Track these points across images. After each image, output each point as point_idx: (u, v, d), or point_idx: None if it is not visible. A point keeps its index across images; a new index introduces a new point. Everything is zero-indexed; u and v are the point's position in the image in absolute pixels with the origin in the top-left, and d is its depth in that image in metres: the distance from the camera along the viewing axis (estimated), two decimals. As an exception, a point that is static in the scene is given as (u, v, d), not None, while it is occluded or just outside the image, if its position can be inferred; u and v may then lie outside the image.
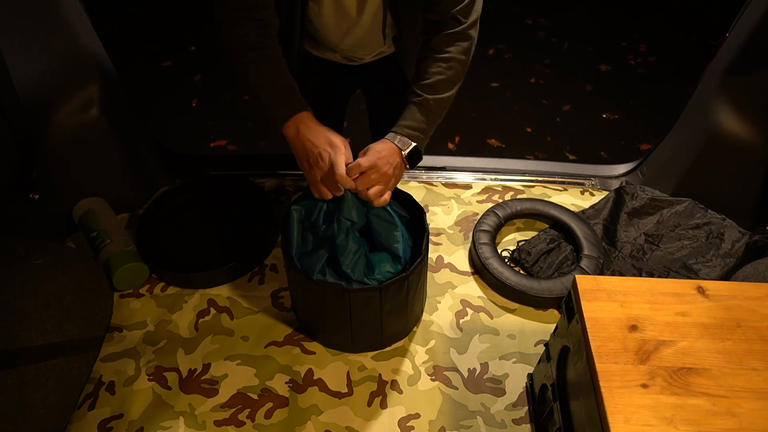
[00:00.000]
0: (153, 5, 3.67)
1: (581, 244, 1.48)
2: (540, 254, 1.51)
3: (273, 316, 1.40)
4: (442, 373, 1.29)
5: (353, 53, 1.35)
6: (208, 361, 1.31)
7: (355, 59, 1.38)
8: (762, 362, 0.86)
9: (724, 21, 1.49)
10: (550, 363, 1.12)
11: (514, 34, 3.51)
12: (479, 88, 3.10)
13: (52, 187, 1.48)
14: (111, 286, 1.42)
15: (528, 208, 1.58)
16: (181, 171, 1.76)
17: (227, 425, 1.20)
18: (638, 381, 0.84)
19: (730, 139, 1.47)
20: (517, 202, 1.59)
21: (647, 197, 1.62)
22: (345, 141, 1.10)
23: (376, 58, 1.39)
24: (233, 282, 1.47)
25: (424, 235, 1.21)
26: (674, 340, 0.89)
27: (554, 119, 2.94)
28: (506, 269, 1.42)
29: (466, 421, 1.21)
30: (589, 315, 0.92)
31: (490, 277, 1.43)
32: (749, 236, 1.49)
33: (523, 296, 1.39)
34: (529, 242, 1.55)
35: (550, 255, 1.51)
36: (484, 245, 1.47)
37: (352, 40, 1.27)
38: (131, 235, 1.52)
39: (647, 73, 3.24)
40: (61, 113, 1.41)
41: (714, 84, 1.48)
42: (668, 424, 0.79)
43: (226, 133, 2.81)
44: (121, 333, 1.36)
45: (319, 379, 1.28)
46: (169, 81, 3.15)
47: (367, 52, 1.36)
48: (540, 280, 1.41)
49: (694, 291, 0.97)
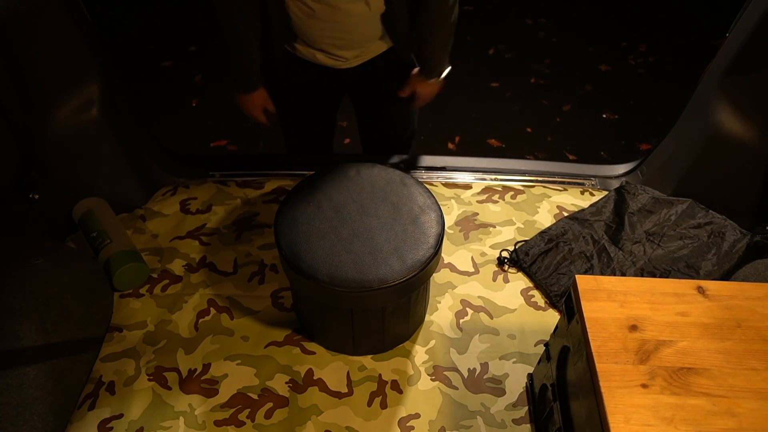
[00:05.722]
0: (153, 5, 3.67)
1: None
2: (538, 255, 1.51)
3: (273, 316, 1.40)
4: (442, 373, 1.29)
5: (336, 49, 1.36)
6: (208, 361, 1.31)
7: (339, 58, 1.38)
8: (762, 362, 0.86)
9: (724, 21, 1.49)
10: (550, 363, 1.12)
11: (514, 34, 3.50)
12: (479, 88, 3.10)
13: (52, 187, 1.47)
14: (111, 286, 1.42)
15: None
16: (181, 171, 1.76)
17: (227, 425, 1.20)
18: (638, 381, 0.84)
19: (730, 139, 1.47)
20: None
21: (648, 197, 1.62)
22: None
23: (359, 62, 1.40)
24: (233, 282, 1.47)
25: (438, 234, 1.20)
26: (674, 340, 0.89)
27: (554, 119, 2.93)
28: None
29: (466, 421, 1.21)
30: (589, 315, 0.92)
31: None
32: (750, 237, 1.49)
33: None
34: (527, 243, 1.55)
35: (548, 255, 1.51)
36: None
37: (336, 29, 1.29)
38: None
39: (647, 73, 3.24)
40: (61, 113, 1.41)
41: (714, 84, 1.48)
42: (668, 424, 0.79)
43: (226, 133, 2.81)
44: (121, 333, 1.36)
45: (319, 379, 1.28)
46: (169, 81, 3.14)
47: (349, 44, 1.36)
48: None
49: (694, 291, 0.97)
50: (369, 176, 1.30)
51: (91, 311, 1.34)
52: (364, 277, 1.12)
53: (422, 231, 1.19)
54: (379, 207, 1.23)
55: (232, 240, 1.57)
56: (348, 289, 1.12)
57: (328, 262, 1.14)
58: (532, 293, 1.46)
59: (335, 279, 1.12)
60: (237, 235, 1.58)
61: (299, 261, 1.15)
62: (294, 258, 1.16)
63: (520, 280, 1.50)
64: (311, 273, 1.13)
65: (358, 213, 1.22)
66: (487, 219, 1.64)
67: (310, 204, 1.24)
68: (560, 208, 1.67)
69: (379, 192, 1.26)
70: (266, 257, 1.53)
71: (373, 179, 1.29)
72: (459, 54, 1.38)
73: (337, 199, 1.24)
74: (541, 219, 1.64)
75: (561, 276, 1.47)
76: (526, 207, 1.67)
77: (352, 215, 1.21)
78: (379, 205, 1.23)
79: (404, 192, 1.27)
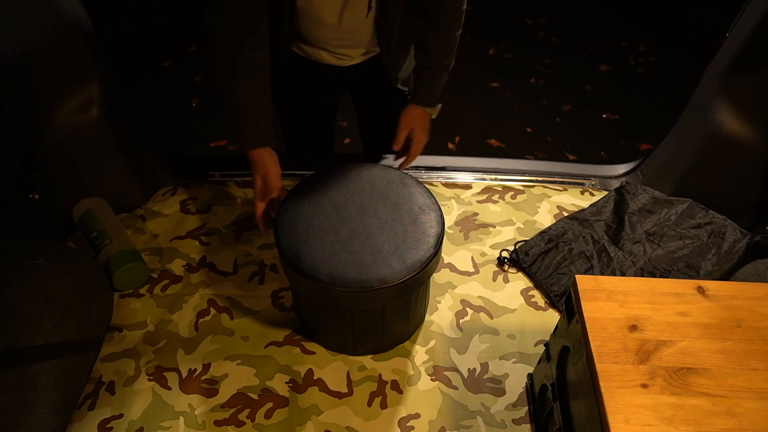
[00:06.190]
0: (153, 5, 3.67)
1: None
2: (538, 255, 1.51)
3: (273, 316, 1.40)
4: (442, 373, 1.29)
5: (342, 49, 1.35)
6: (208, 361, 1.31)
7: (344, 57, 1.37)
8: (762, 362, 0.86)
9: (724, 21, 1.49)
10: (550, 363, 1.12)
11: (514, 34, 3.51)
12: (479, 88, 3.10)
13: (52, 187, 1.47)
14: (111, 286, 1.42)
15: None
16: (181, 171, 1.76)
17: (227, 425, 1.20)
18: (638, 381, 0.84)
19: (730, 139, 1.47)
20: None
21: (648, 197, 1.62)
22: (279, 179, 1.28)
23: (363, 59, 1.39)
24: (233, 282, 1.47)
25: (438, 233, 1.20)
26: (674, 340, 0.89)
27: (554, 119, 2.93)
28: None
29: (466, 421, 1.21)
30: (589, 315, 0.92)
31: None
32: (750, 237, 1.49)
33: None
34: (527, 243, 1.55)
35: (548, 255, 1.51)
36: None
37: (344, 31, 1.28)
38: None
39: (647, 73, 3.24)
40: (61, 113, 1.41)
41: (714, 84, 1.48)
42: (668, 424, 0.79)
43: (226, 133, 2.80)
44: (121, 333, 1.36)
45: (319, 379, 1.28)
46: (169, 81, 3.14)
47: (359, 44, 1.35)
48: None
49: (694, 291, 0.97)
50: (369, 176, 1.30)
51: (91, 311, 1.34)
52: (364, 277, 1.12)
53: (422, 231, 1.19)
54: (379, 207, 1.23)
55: (232, 240, 1.57)
56: (348, 289, 1.12)
57: (328, 262, 1.14)
58: (532, 293, 1.46)
59: (335, 279, 1.12)
60: (237, 235, 1.58)
61: (299, 261, 1.15)
62: (294, 258, 1.16)
63: (520, 280, 1.50)
64: (311, 273, 1.13)
65: (358, 213, 1.22)
66: (487, 219, 1.64)
67: (310, 204, 1.24)
68: (560, 208, 1.67)
69: (379, 192, 1.26)
70: (266, 257, 1.53)
71: (373, 179, 1.29)
72: (459, 54, 1.37)
73: (336, 199, 1.24)
74: (541, 219, 1.64)
75: (561, 276, 1.47)
76: (526, 207, 1.67)
77: (352, 215, 1.21)
78: (379, 205, 1.23)
79: (404, 192, 1.27)
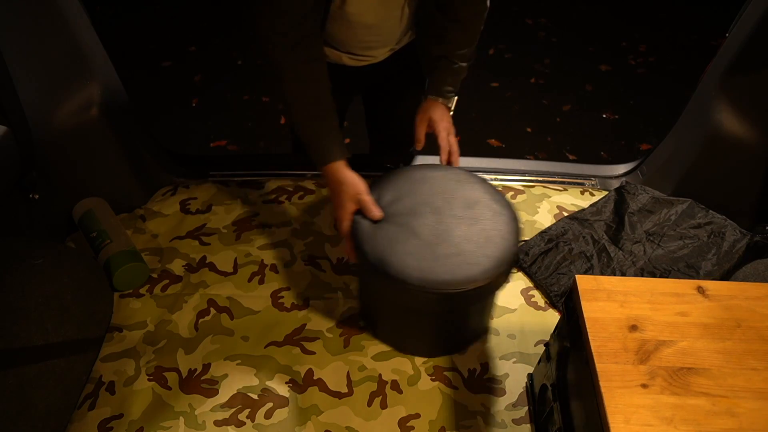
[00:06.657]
0: (153, 5, 3.67)
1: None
2: (538, 255, 1.51)
3: (273, 316, 1.40)
4: (442, 373, 1.29)
5: (368, 50, 1.34)
6: (208, 361, 1.31)
7: (366, 58, 1.36)
8: (762, 362, 0.86)
9: (724, 21, 1.49)
10: (550, 363, 1.12)
11: (514, 34, 3.51)
12: (479, 88, 3.10)
13: (52, 187, 1.47)
14: (111, 286, 1.42)
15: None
16: (181, 171, 1.76)
17: (227, 425, 1.20)
18: (638, 381, 0.84)
19: (730, 139, 1.47)
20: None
21: (648, 197, 1.62)
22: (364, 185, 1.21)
23: (386, 56, 1.38)
24: (233, 282, 1.47)
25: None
26: (674, 340, 0.89)
27: (554, 119, 2.94)
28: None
29: (466, 421, 1.21)
30: (589, 315, 0.92)
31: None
32: (750, 237, 1.49)
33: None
34: (527, 243, 1.55)
35: (548, 255, 1.51)
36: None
37: (377, 33, 1.29)
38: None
39: (647, 73, 3.24)
40: (61, 113, 1.41)
41: (714, 84, 1.48)
42: (668, 424, 0.79)
43: (226, 133, 2.81)
44: (121, 333, 1.36)
45: (319, 379, 1.28)
46: (169, 81, 3.14)
47: (383, 44, 1.34)
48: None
49: (694, 291, 0.97)
50: (435, 177, 1.28)
51: (91, 311, 1.34)
52: (455, 278, 1.10)
53: (500, 228, 1.18)
54: (453, 207, 1.21)
55: (232, 240, 1.57)
56: (440, 291, 1.10)
57: (417, 266, 1.11)
58: (532, 293, 1.46)
59: (427, 282, 1.10)
60: (237, 235, 1.58)
61: (387, 266, 1.12)
62: (381, 263, 1.12)
63: (520, 280, 1.50)
64: (402, 278, 1.10)
65: (434, 214, 1.20)
66: (487, 219, 1.63)
67: (383, 209, 1.21)
68: (560, 208, 1.67)
69: (449, 192, 1.25)
70: (266, 257, 1.53)
71: (440, 180, 1.28)
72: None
73: (409, 202, 1.22)
74: (541, 219, 1.64)
75: (561, 276, 1.47)
76: (526, 207, 1.67)
77: (429, 217, 1.19)
78: (453, 206, 1.22)
79: (474, 191, 1.25)
